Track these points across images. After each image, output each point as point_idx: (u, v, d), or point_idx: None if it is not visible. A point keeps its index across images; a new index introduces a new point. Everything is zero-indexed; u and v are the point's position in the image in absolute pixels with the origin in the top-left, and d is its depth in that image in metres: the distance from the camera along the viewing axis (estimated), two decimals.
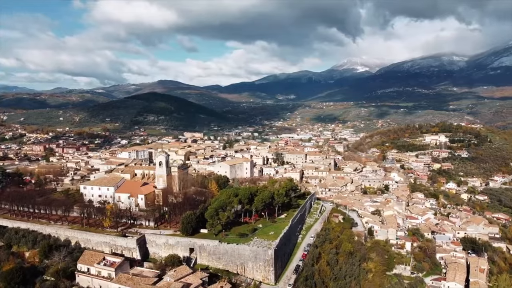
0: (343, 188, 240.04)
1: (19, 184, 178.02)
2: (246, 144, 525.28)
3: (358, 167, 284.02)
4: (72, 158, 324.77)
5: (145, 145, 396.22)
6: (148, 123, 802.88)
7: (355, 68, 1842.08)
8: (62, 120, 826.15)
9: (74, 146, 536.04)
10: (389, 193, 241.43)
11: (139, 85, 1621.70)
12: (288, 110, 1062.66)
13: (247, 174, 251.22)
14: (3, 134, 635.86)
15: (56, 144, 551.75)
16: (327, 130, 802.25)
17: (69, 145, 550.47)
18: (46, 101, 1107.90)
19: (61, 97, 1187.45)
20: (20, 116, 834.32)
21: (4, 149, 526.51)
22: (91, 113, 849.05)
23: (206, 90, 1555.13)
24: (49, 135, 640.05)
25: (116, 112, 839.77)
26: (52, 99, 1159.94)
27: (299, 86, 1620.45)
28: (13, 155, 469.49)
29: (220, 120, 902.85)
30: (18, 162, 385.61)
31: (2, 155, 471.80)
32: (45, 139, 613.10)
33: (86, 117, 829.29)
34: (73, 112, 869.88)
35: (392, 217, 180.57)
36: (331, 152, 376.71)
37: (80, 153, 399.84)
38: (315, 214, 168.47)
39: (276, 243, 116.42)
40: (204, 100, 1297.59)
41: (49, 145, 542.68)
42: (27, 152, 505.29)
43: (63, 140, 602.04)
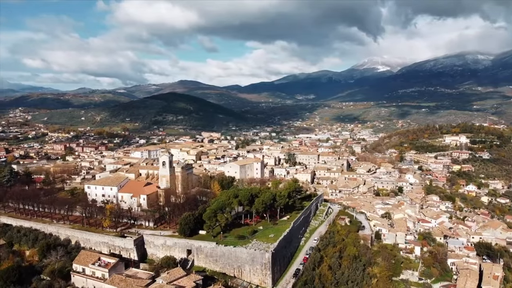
0: (354, 190, 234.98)
1: (28, 183, 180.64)
2: (262, 144, 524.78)
3: (371, 168, 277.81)
4: (87, 157, 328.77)
5: (159, 144, 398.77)
6: (167, 123, 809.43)
7: (376, 68, 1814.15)
8: (83, 119, 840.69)
9: (93, 145, 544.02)
10: (403, 195, 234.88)
11: (160, 85, 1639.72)
12: (307, 110, 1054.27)
13: (257, 174, 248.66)
14: (26, 133, 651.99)
15: (76, 144, 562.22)
16: (346, 130, 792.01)
17: (88, 144, 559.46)
18: (69, 101, 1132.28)
19: (83, 97, 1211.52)
20: (43, 116, 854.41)
21: (26, 148, 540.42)
22: (111, 113, 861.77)
23: (226, 90, 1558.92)
24: (70, 135, 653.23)
25: (136, 112, 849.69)
26: (75, 99, 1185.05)
27: (318, 86, 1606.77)
28: (34, 154, 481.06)
29: (238, 120, 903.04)
30: (36, 161, 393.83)
31: (23, 154, 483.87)
32: (66, 138, 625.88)
33: (107, 116, 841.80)
34: (94, 112, 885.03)
35: (402, 220, 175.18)
36: (346, 152, 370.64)
37: (96, 153, 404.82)
38: (321, 217, 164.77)
39: (274, 246, 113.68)
40: (224, 100, 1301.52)
41: (69, 144, 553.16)
42: (47, 151, 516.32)
43: (83, 140, 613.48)
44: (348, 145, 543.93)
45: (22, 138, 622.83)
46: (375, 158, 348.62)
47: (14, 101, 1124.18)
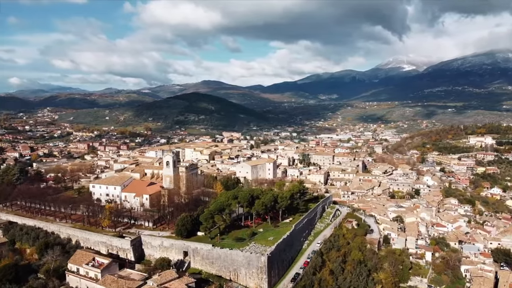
0: (368, 192, 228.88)
1: (37, 182, 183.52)
2: (281, 144, 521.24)
3: (388, 170, 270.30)
4: (104, 156, 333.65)
5: (175, 144, 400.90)
6: (189, 123, 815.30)
7: (401, 67, 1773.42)
8: (108, 119, 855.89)
9: (115, 144, 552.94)
10: (419, 198, 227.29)
11: (184, 86, 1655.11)
12: (329, 110, 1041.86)
13: (269, 175, 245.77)
14: (52, 133, 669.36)
15: (99, 143, 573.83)
16: (368, 130, 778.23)
17: (111, 143, 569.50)
18: (95, 101, 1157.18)
19: (109, 97, 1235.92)
20: (70, 116, 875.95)
21: (51, 146, 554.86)
22: (135, 113, 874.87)
23: (249, 90, 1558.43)
24: (94, 134, 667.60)
25: (159, 111, 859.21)
26: (101, 99, 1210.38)
27: (342, 85, 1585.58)
28: (57, 153, 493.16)
29: (259, 120, 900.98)
30: (56, 159, 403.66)
31: (47, 152, 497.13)
32: (90, 138, 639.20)
33: (130, 116, 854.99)
34: (118, 112, 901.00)
35: (413, 224, 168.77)
36: (363, 153, 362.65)
37: (114, 151, 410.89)
38: (327, 219, 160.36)
39: (271, 250, 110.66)
40: (246, 100, 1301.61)
41: (92, 143, 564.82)
42: (71, 150, 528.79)
43: (105, 139, 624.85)
44: (370, 146, 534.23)
45: (48, 137, 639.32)
46: (394, 159, 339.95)
47: (43, 101, 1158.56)
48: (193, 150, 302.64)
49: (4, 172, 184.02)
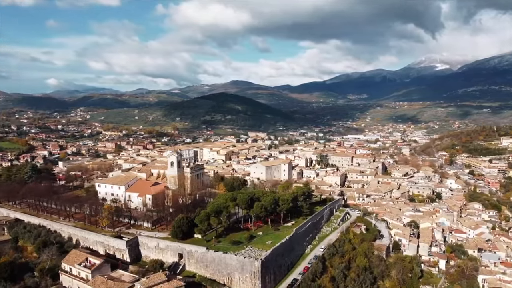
0: (386, 195, 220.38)
1: (50, 180, 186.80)
2: (306, 144, 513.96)
3: (409, 172, 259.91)
4: (125, 155, 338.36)
5: (192, 144, 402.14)
6: (216, 123, 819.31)
7: (434, 66, 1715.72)
8: (137, 119, 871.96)
9: (142, 143, 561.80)
10: (440, 202, 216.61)
11: (212, 86, 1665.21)
12: (358, 110, 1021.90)
13: (284, 176, 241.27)
14: (83, 132, 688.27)
15: (126, 142, 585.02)
16: (397, 131, 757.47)
17: (137, 142, 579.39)
18: (126, 101, 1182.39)
19: (139, 98, 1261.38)
20: (101, 115, 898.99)
21: (81, 145, 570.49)
22: (163, 113, 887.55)
23: (277, 90, 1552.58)
24: (122, 133, 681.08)
25: (186, 111, 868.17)
26: (132, 99, 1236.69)
27: (372, 85, 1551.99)
28: (85, 151, 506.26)
29: (286, 120, 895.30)
30: (81, 158, 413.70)
31: (75, 151, 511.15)
32: (118, 137, 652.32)
33: (159, 116, 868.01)
34: (147, 112, 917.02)
35: (428, 229, 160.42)
36: (384, 155, 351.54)
37: (134, 151, 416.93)
38: (335, 223, 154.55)
39: (266, 254, 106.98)
40: (274, 100, 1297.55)
41: (120, 143, 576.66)
42: (99, 148, 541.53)
43: (133, 138, 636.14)
44: (397, 147, 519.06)
45: (79, 136, 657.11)
46: (418, 161, 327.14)
47: (77, 101, 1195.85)
48: (210, 150, 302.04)
49: (17, 171, 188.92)
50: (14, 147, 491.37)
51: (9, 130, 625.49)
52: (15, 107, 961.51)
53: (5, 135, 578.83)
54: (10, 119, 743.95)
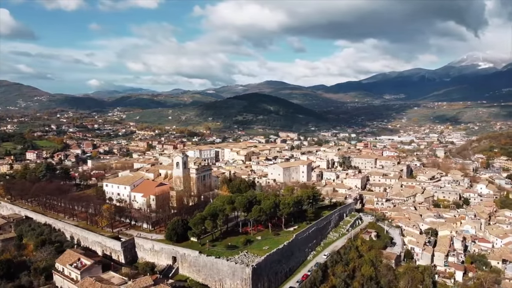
0: (409, 199, 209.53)
1: (64, 179, 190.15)
2: (337, 145, 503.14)
3: (436, 176, 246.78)
4: (150, 154, 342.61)
5: (215, 144, 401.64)
6: (247, 123, 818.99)
7: (477, 64, 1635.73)
8: (170, 118, 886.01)
9: (173, 143, 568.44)
10: (467, 208, 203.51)
11: (246, 86, 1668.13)
12: (394, 111, 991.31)
13: (303, 178, 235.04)
14: (117, 131, 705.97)
15: (158, 141, 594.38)
16: (434, 132, 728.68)
17: (169, 142, 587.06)
18: (162, 101, 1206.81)
19: (174, 98, 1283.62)
20: (136, 115, 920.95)
21: (114, 144, 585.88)
22: (196, 113, 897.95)
23: (311, 90, 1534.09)
24: (155, 133, 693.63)
25: (219, 111, 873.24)
26: (167, 99, 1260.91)
27: (410, 84, 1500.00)
28: (116, 150, 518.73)
29: (319, 121, 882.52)
30: (108, 157, 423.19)
31: (107, 150, 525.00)
32: (150, 136, 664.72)
33: (191, 116, 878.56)
34: (180, 112, 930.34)
35: (446, 238, 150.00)
36: (411, 157, 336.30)
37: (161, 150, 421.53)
38: (343, 229, 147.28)
39: (259, 261, 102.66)
40: (308, 100, 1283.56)
41: (152, 142, 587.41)
42: (131, 147, 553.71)
43: (164, 137, 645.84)
44: (432, 149, 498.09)
45: (114, 135, 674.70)
46: (449, 163, 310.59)
47: (115, 101, 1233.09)
48: (230, 150, 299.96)
49: (34, 169, 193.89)
50: (50, 145, 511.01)
51: (49, 129, 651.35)
52: (58, 107, 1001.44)
53: (45, 134, 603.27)
54: (51, 118, 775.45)
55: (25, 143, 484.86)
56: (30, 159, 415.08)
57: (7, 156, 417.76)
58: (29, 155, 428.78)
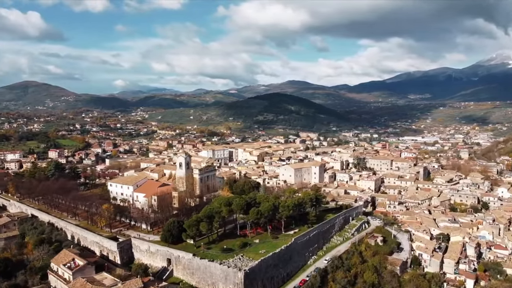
0: (424, 202, 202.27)
1: (72, 178, 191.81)
2: (357, 145, 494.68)
3: (454, 178, 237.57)
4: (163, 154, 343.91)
5: (230, 144, 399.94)
6: (268, 123, 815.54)
7: (507, 63, 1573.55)
8: (192, 118, 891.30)
9: (192, 142, 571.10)
10: (486, 213, 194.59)
11: (269, 86, 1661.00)
12: (418, 111, 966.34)
13: (315, 179, 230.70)
14: (139, 130, 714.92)
15: (178, 141, 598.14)
16: (460, 133, 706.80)
17: (188, 141, 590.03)
18: (184, 101, 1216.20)
19: (196, 98, 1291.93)
20: (158, 115, 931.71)
21: (136, 143, 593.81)
22: (217, 112, 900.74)
23: (334, 90, 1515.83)
24: (175, 132, 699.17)
25: (240, 111, 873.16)
26: (190, 99, 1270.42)
27: (435, 84, 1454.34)
28: (136, 150, 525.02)
29: (340, 121, 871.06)
30: (126, 156, 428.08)
31: (127, 149, 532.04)
32: (171, 136, 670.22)
33: (212, 116, 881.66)
34: (202, 111, 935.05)
35: (457, 244, 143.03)
36: (429, 158, 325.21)
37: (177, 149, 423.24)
38: (348, 232, 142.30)
39: (252, 265, 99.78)
40: (330, 100, 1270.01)
41: (171, 141, 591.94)
42: (151, 147, 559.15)
43: (184, 137, 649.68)
44: (457, 150, 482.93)
45: (135, 134, 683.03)
46: (471, 165, 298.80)
47: (139, 101, 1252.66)
48: (243, 150, 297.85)
49: (43, 168, 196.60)
50: (72, 144, 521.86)
51: (74, 128, 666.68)
52: (83, 107, 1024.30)
53: (69, 133, 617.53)
54: (76, 118, 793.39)
55: (48, 142, 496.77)
56: (52, 158, 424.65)
57: (31, 155, 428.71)
58: (51, 154, 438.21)
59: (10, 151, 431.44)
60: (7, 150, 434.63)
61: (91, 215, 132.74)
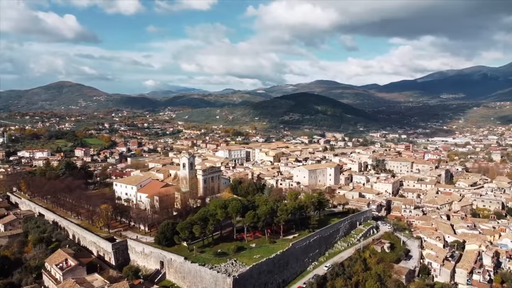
0: (443, 207, 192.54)
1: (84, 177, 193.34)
2: (383, 146, 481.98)
3: (479, 182, 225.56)
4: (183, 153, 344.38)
5: (247, 144, 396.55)
6: (294, 123, 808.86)
7: None
8: (218, 118, 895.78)
9: (216, 142, 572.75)
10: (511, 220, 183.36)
11: (296, 86, 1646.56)
12: (450, 111, 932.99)
13: (330, 181, 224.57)
14: (165, 130, 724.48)
15: (202, 140, 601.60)
16: (494, 134, 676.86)
17: (212, 141, 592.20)
18: (211, 101, 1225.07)
19: (224, 98, 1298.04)
20: (185, 114, 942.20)
21: (161, 142, 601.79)
22: (243, 112, 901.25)
23: (363, 89, 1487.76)
24: (200, 132, 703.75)
25: (265, 111, 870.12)
26: (217, 99, 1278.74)
27: (470, 83, 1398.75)
28: (160, 149, 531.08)
29: (368, 121, 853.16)
30: (147, 155, 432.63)
31: (152, 148, 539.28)
32: (196, 135, 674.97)
33: (238, 115, 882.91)
34: (228, 111, 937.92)
35: (472, 253, 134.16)
36: (453, 160, 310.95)
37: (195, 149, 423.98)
38: (354, 238, 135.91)
39: (243, 271, 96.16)
40: (359, 99, 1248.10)
41: (196, 141, 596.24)
42: (174, 146, 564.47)
43: (209, 137, 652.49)
44: (489, 152, 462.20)
45: (161, 133, 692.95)
46: (498, 168, 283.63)
47: (168, 101, 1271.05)
48: (260, 150, 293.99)
49: (55, 167, 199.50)
50: (98, 143, 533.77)
51: (102, 127, 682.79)
52: (114, 106, 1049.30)
53: (98, 132, 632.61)
54: (106, 117, 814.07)
55: (75, 141, 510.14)
56: (78, 156, 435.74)
57: (58, 153, 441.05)
58: (77, 152, 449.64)
59: (39, 149, 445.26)
60: (36, 148, 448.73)
61: (91, 215, 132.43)
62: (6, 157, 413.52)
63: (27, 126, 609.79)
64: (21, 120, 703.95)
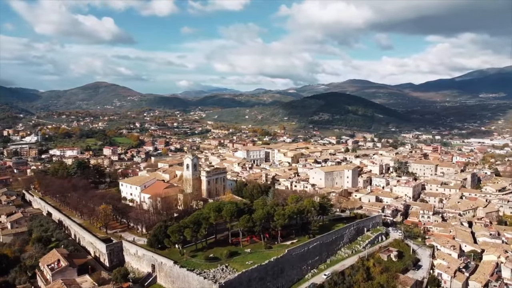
0: (466, 213, 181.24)
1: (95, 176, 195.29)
2: (414, 147, 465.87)
3: (508, 187, 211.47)
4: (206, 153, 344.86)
5: (268, 145, 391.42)
6: (323, 123, 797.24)
7: None
8: (247, 118, 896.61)
9: (243, 142, 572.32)
10: None
11: (328, 85, 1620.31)
12: (490, 111, 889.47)
13: (348, 183, 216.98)
14: (194, 129, 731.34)
15: (229, 140, 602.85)
16: None
17: (240, 141, 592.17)
18: (242, 101, 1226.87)
19: (254, 98, 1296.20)
20: (215, 114, 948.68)
21: (189, 142, 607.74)
22: (272, 112, 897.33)
23: (398, 89, 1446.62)
24: (228, 131, 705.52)
25: (295, 111, 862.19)
26: (248, 99, 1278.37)
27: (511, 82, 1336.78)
28: (186, 148, 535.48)
29: (400, 121, 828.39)
30: (171, 154, 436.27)
31: (178, 147, 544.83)
32: (224, 135, 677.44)
33: (267, 115, 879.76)
34: (257, 111, 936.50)
35: (490, 264, 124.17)
36: (483, 163, 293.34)
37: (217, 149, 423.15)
38: (360, 245, 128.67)
39: (231, 278, 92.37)
40: (393, 99, 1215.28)
41: (223, 140, 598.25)
42: (202, 145, 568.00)
43: (236, 136, 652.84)
44: None
45: (190, 133, 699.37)
46: None
47: (199, 101, 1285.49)
48: (278, 151, 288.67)
49: (68, 166, 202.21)
50: (127, 142, 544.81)
51: (133, 126, 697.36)
52: (147, 106, 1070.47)
53: (129, 131, 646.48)
54: (138, 117, 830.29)
55: (105, 139, 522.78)
56: (105, 154, 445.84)
57: (87, 151, 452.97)
58: (105, 151, 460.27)
59: (70, 147, 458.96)
60: (67, 147, 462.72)
61: (91, 215, 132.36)
62: (39, 155, 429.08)
63: (63, 125, 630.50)
64: (58, 119, 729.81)
